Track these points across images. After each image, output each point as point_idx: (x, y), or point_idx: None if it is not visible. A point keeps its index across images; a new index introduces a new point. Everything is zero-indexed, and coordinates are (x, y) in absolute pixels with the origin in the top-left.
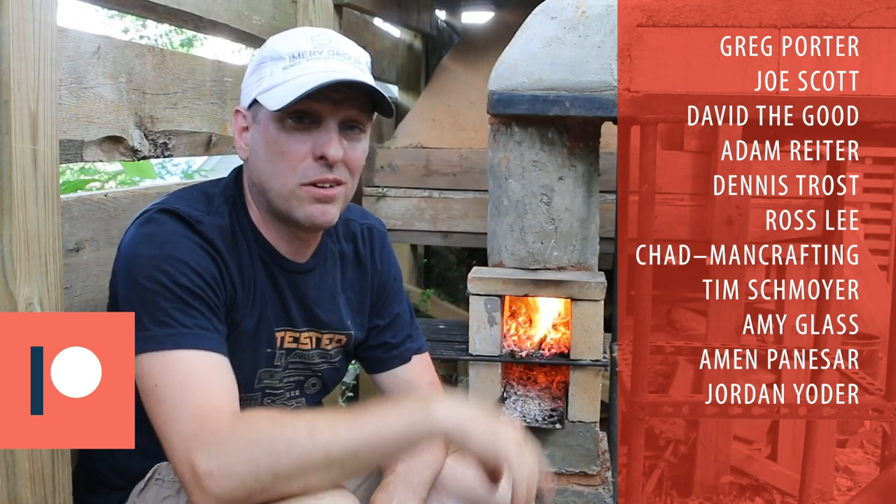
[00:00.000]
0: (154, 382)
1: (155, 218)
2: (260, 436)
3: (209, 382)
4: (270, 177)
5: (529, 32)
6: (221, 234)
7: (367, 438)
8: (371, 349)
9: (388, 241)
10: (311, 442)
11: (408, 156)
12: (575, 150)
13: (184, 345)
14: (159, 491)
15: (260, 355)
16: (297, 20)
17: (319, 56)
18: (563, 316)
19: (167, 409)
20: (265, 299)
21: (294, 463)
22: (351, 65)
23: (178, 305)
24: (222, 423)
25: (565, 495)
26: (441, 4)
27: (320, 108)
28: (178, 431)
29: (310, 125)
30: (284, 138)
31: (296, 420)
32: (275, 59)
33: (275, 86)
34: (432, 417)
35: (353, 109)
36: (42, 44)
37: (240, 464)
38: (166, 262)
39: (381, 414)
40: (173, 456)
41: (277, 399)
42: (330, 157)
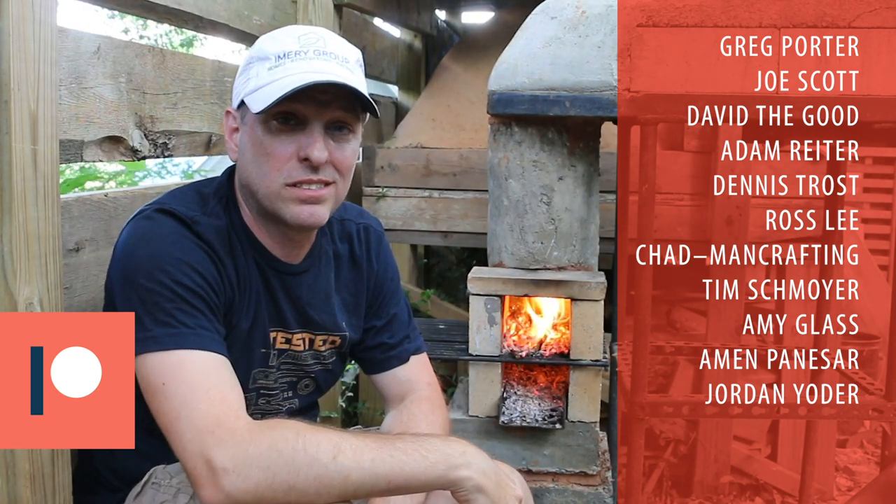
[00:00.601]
0: (161, 381)
1: (152, 217)
2: (282, 445)
3: (220, 383)
4: (257, 178)
5: (529, 32)
6: (218, 234)
7: (386, 473)
8: (369, 350)
9: (385, 241)
10: (333, 464)
11: (408, 156)
12: (575, 150)
13: (186, 345)
14: (155, 495)
15: (254, 356)
16: (297, 20)
17: (304, 56)
18: (563, 316)
19: (178, 406)
20: (259, 300)
21: (312, 481)
22: (337, 64)
23: (180, 305)
24: (240, 424)
25: (565, 495)
26: (441, 4)
27: (305, 109)
28: (192, 427)
29: (295, 126)
30: (269, 140)
31: (321, 437)
32: (261, 59)
33: (260, 87)
34: (452, 477)
35: (339, 110)
36: (42, 44)
37: (258, 468)
38: (167, 261)
39: (405, 451)
40: (185, 450)
41: (272, 399)
42: (313, 160)
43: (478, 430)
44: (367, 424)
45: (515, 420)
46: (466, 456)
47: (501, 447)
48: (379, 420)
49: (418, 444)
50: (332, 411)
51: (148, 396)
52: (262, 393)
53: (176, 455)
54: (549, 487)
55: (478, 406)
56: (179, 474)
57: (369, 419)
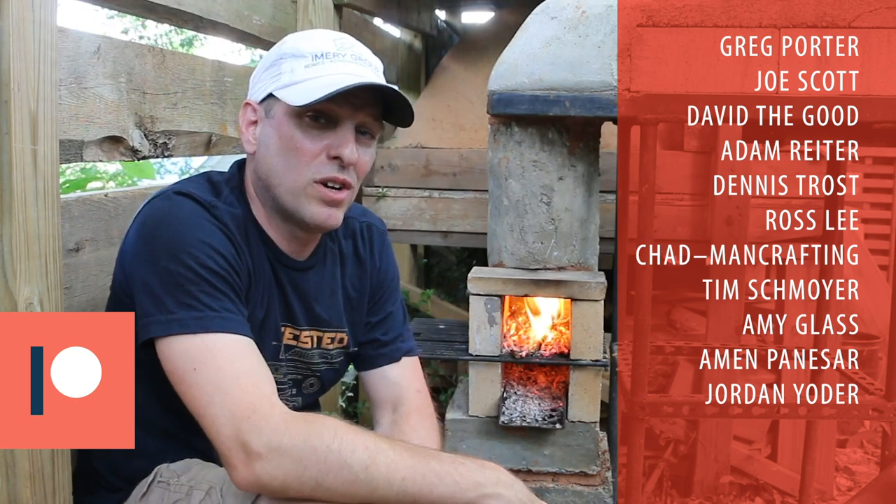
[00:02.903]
0: (192, 366)
1: (171, 198)
2: (317, 442)
3: (251, 367)
4: (281, 172)
5: (529, 32)
6: (234, 221)
7: (414, 494)
8: (361, 345)
9: (388, 240)
10: (364, 473)
11: (408, 156)
12: (575, 150)
13: (213, 328)
14: (164, 495)
15: (267, 348)
16: (297, 20)
17: (343, 59)
18: (563, 316)
19: (211, 390)
20: (272, 292)
21: (340, 485)
22: (372, 71)
23: (204, 288)
24: (275, 411)
25: (565, 495)
26: (441, 4)
27: (340, 110)
28: (226, 412)
29: (326, 125)
30: (300, 135)
31: (358, 442)
32: (296, 56)
33: (296, 82)
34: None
35: (369, 116)
36: (42, 44)
37: (290, 459)
38: (190, 242)
39: (439, 474)
40: (220, 434)
41: (281, 395)
42: (346, 159)
43: (478, 430)
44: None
45: (515, 420)
46: (499, 486)
47: (501, 447)
48: None
49: (454, 466)
50: (332, 411)
51: (175, 380)
52: None
53: (209, 437)
54: (549, 487)
55: (478, 406)
56: (187, 472)
57: (369, 419)
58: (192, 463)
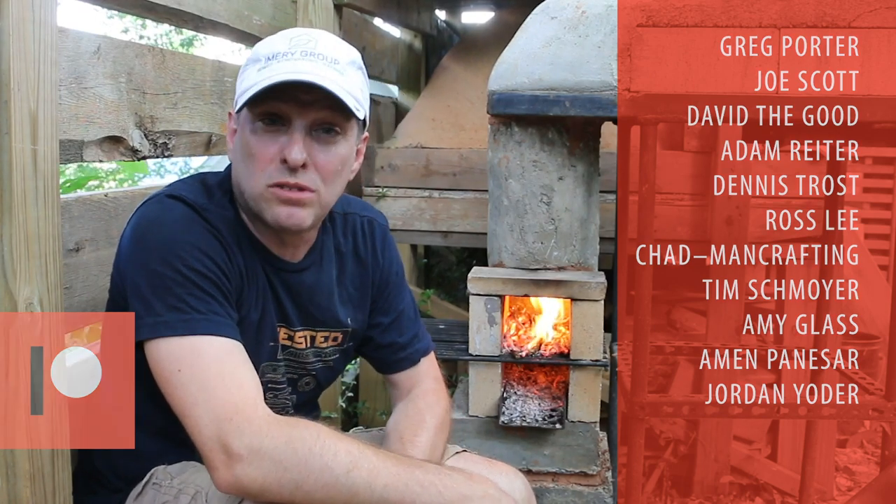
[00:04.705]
0: (177, 367)
1: (163, 202)
2: (299, 445)
3: (236, 369)
4: (244, 179)
5: (529, 32)
6: (226, 224)
7: (396, 501)
8: (380, 349)
9: (390, 235)
10: (345, 477)
11: (408, 156)
12: (575, 150)
13: (199, 331)
14: (156, 496)
15: (263, 349)
16: (297, 20)
17: (290, 57)
18: (563, 316)
19: (195, 391)
20: (266, 294)
21: (320, 488)
22: (325, 65)
23: (192, 290)
24: (258, 413)
25: (565, 495)
26: (441, 4)
27: (287, 109)
28: (209, 413)
29: (279, 127)
30: (255, 140)
31: (340, 446)
32: (254, 61)
33: (248, 88)
34: None
35: (323, 111)
36: (42, 44)
37: (270, 461)
38: (179, 246)
39: (423, 483)
40: (202, 435)
41: (280, 394)
42: (290, 161)
43: (478, 430)
44: (367, 425)
45: (515, 420)
46: (486, 500)
47: (501, 447)
48: (379, 420)
49: (439, 477)
50: (332, 411)
51: (161, 381)
52: (269, 387)
53: (191, 438)
54: (549, 487)
55: (478, 406)
56: (181, 475)
57: (369, 419)
58: (187, 465)
